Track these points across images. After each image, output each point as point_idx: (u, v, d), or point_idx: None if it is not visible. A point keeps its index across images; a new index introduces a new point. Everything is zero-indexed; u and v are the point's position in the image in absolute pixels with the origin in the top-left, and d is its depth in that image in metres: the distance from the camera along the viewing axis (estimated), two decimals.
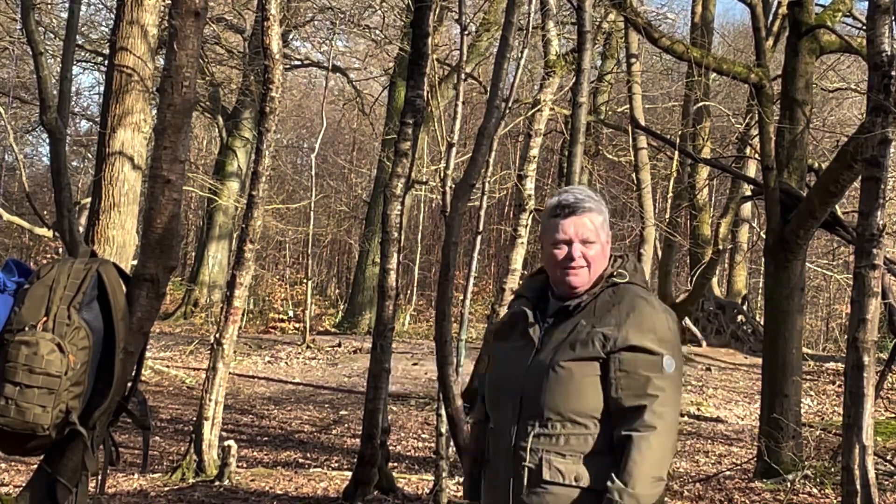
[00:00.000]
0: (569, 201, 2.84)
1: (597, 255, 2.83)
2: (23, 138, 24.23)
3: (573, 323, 2.79)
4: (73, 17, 11.06)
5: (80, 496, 3.32)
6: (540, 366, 2.76)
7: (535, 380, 2.76)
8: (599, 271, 2.84)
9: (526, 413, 2.76)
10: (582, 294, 2.84)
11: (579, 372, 2.74)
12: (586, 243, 2.82)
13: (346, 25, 21.04)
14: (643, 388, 2.73)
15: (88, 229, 7.92)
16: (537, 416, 2.74)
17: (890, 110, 5.88)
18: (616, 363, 2.73)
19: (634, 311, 2.78)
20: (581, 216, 2.82)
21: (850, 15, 11.43)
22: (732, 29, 30.23)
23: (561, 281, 2.84)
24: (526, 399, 2.76)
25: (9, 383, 3.09)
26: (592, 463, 2.71)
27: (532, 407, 2.75)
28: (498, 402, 2.85)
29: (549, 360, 2.75)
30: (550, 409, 2.73)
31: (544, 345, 2.80)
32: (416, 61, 8.33)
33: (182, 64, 3.53)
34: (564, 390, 2.73)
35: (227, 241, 24.73)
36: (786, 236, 9.13)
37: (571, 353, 2.75)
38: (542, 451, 2.73)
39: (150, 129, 7.79)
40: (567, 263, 2.81)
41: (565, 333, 2.78)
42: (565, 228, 2.82)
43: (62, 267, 3.28)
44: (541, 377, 2.75)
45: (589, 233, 2.82)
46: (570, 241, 2.82)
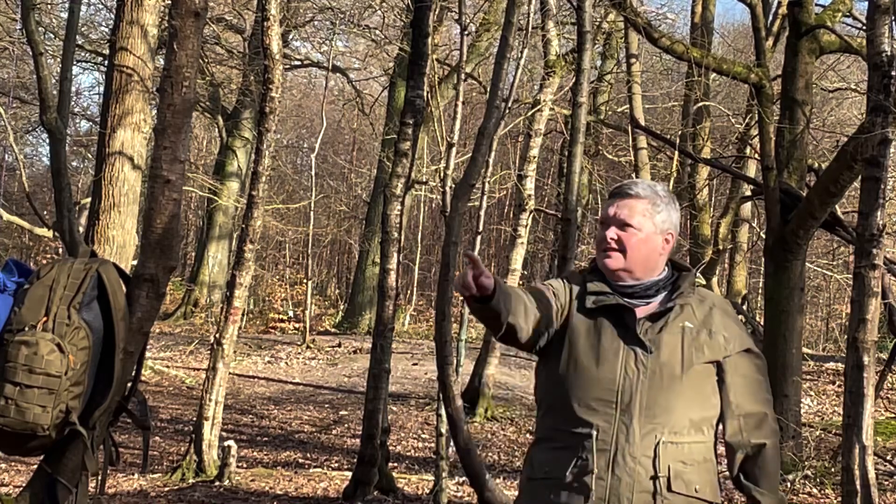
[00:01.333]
0: (622, 185, 2.79)
1: (636, 242, 2.71)
2: (23, 138, 24.23)
3: (677, 324, 2.68)
4: (73, 17, 11.07)
5: (80, 496, 3.32)
6: (666, 370, 2.62)
7: (662, 385, 2.61)
8: (643, 264, 2.73)
9: (650, 420, 2.59)
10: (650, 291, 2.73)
11: (707, 376, 2.66)
12: (624, 226, 2.72)
13: (346, 25, 21.03)
14: (761, 393, 2.71)
15: (88, 229, 7.92)
16: (665, 424, 2.59)
17: (890, 110, 5.88)
18: (733, 367, 2.68)
19: (732, 314, 2.77)
20: (625, 199, 2.74)
21: (850, 15, 11.44)
22: (732, 29, 30.22)
23: (600, 263, 2.76)
24: (649, 405, 2.60)
25: (9, 383, 3.09)
26: (704, 471, 2.64)
27: (659, 414, 2.59)
28: (597, 405, 2.61)
29: (678, 364, 2.63)
30: (683, 416, 2.61)
31: (658, 347, 2.64)
32: (416, 61, 8.33)
33: (182, 64, 3.53)
34: (695, 396, 2.63)
35: (227, 241, 24.72)
36: (786, 236, 9.13)
37: (699, 356, 2.65)
38: (669, 461, 2.58)
39: (150, 129, 7.79)
40: (601, 244, 2.75)
41: (677, 335, 2.66)
42: (607, 209, 2.77)
43: (62, 267, 3.28)
44: (672, 382, 2.61)
45: (628, 216, 2.72)
46: (607, 222, 2.74)
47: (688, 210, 19.33)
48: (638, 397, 2.60)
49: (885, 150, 5.89)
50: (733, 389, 2.68)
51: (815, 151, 16.80)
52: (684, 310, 2.70)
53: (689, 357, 2.63)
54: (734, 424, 2.68)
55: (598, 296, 2.71)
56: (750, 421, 2.69)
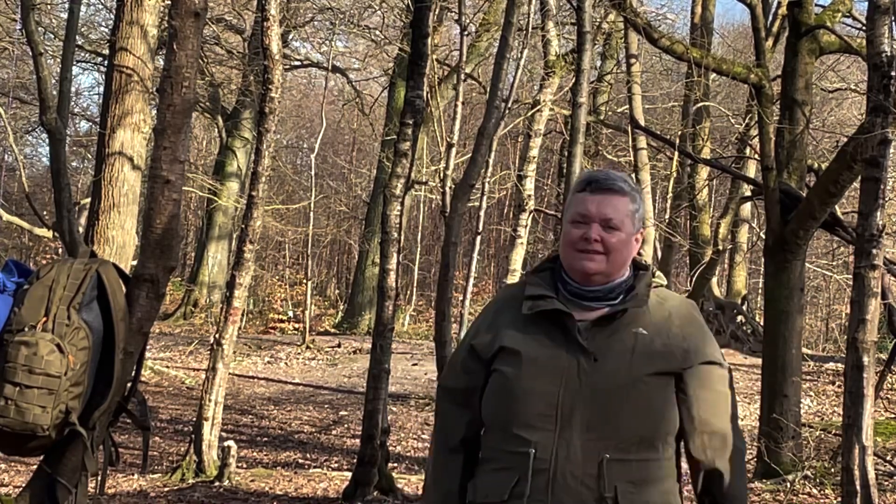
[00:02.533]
0: (599, 177, 2.51)
1: (619, 244, 2.45)
2: (23, 139, 24.23)
3: (630, 330, 2.43)
4: (72, 17, 11.06)
5: (80, 496, 3.32)
6: (613, 380, 2.37)
7: (607, 397, 2.36)
8: (621, 267, 2.49)
9: (595, 436, 2.34)
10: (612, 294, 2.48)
11: (661, 388, 2.41)
12: (608, 227, 2.45)
13: (345, 26, 21.04)
14: (726, 408, 2.49)
15: (88, 229, 7.92)
16: (612, 441, 2.34)
17: (890, 110, 5.88)
18: (696, 379, 2.44)
19: (695, 320, 2.52)
20: (609, 196, 2.47)
21: (850, 15, 11.44)
22: (732, 29, 30.23)
23: (573, 265, 2.47)
24: (594, 420, 2.35)
25: (8, 384, 3.09)
26: (658, 492, 2.41)
27: (604, 429, 2.34)
28: (536, 422, 2.38)
29: (626, 373, 2.38)
30: (631, 431, 2.35)
31: (604, 355, 2.40)
32: (415, 61, 8.33)
33: (182, 64, 3.53)
34: (647, 410, 2.38)
35: (227, 241, 24.73)
36: (785, 236, 9.13)
37: (651, 366, 2.39)
38: (616, 481, 2.34)
39: (149, 129, 7.79)
40: (582, 244, 2.45)
41: (628, 343, 2.42)
42: (588, 205, 2.47)
43: (62, 267, 3.28)
44: (618, 394, 2.36)
45: (614, 215, 2.46)
46: (590, 219, 2.45)
47: (688, 210, 19.35)
48: (580, 410, 2.35)
49: (885, 150, 5.89)
50: (696, 405, 2.45)
51: (815, 152, 16.81)
52: (638, 314, 2.45)
53: (639, 366, 2.38)
54: (698, 442, 2.47)
55: (535, 300, 2.48)
56: (715, 439, 2.48)
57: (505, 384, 2.43)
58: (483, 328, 2.56)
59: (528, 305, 2.47)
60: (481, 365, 2.50)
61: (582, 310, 2.46)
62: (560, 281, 2.51)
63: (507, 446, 2.40)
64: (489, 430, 2.48)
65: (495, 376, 2.46)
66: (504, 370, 2.43)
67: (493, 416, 2.46)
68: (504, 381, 2.43)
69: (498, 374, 2.45)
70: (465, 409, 2.53)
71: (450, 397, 2.59)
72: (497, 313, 2.56)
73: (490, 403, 2.47)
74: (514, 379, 2.41)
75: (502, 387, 2.43)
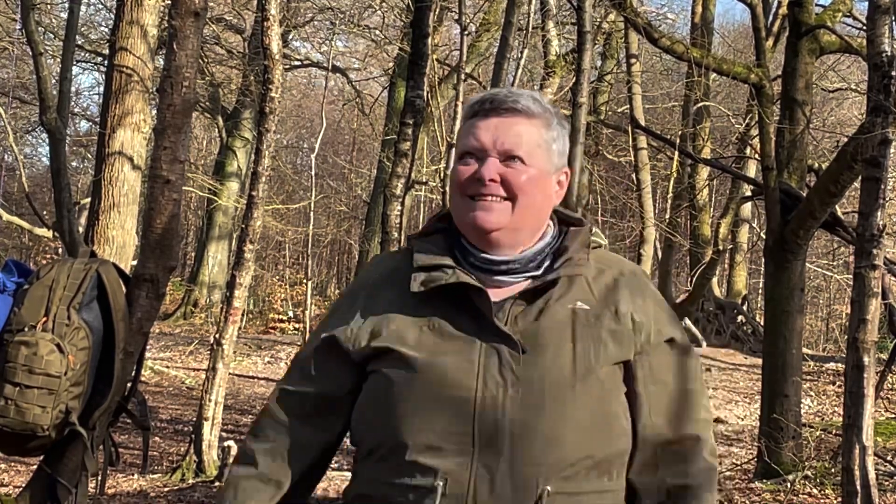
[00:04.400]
0: (497, 96, 1.81)
1: (529, 185, 1.76)
2: (23, 138, 24.22)
3: (564, 306, 1.75)
4: (72, 17, 11.06)
5: (80, 496, 3.32)
6: (551, 378, 1.69)
7: (544, 402, 1.68)
8: (535, 222, 1.81)
9: (529, 460, 1.67)
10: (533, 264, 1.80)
11: (615, 386, 1.75)
12: (510, 159, 1.76)
13: (345, 25, 21.02)
14: (689, 407, 1.82)
15: (88, 229, 7.92)
16: (553, 466, 1.68)
17: (890, 110, 5.87)
18: (647, 367, 1.78)
19: (647, 287, 1.85)
20: (510, 118, 1.78)
21: (850, 15, 11.44)
22: (732, 29, 30.22)
23: (462, 219, 1.79)
24: (528, 436, 1.67)
25: (8, 384, 3.09)
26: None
27: (543, 450, 1.67)
28: (443, 442, 1.69)
29: (568, 367, 1.70)
30: (579, 451, 1.69)
31: (534, 342, 1.72)
32: (416, 61, 8.33)
33: (182, 64, 3.53)
34: (601, 417, 1.72)
35: (227, 241, 24.72)
36: (786, 236, 9.13)
37: (601, 354, 1.73)
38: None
39: (149, 129, 7.78)
40: (474, 187, 1.76)
41: (564, 323, 1.74)
42: (480, 133, 1.78)
43: (62, 267, 3.28)
44: (560, 397, 1.69)
45: (517, 144, 1.77)
46: (483, 152, 1.77)
47: (688, 210, 19.35)
48: (507, 424, 1.67)
49: (886, 150, 5.89)
50: (646, 402, 1.78)
51: (816, 152, 16.81)
52: (574, 283, 1.78)
53: (586, 355, 1.71)
54: (645, 455, 1.78)
55: (428, 272, 1.77)
56: (669, 452, 1.79)
57: (391, 392, 1.73)
58: (349, 314, 1.83)
59: (419, 280, 1.77)
60: (347, 367, 1.80)
61: (494, 286, 1.78)
62: (458, 248, 1.82)
63: (399, 478, 1.70)
64: (367, 457, 1.77)
65: (374, 381, 1.77)
66: (388, 372, 1.74)
67: (373, 438, 1.75)
68: (389, 386, 1.73)
69: (378, 377, 1.76)
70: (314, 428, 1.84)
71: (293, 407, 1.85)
72: (371, 293, 1.83)
73: (367, 420, 1.77)
74: (406, 384, 1.72)
75: (388, 395, 1.73)
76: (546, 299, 1.77)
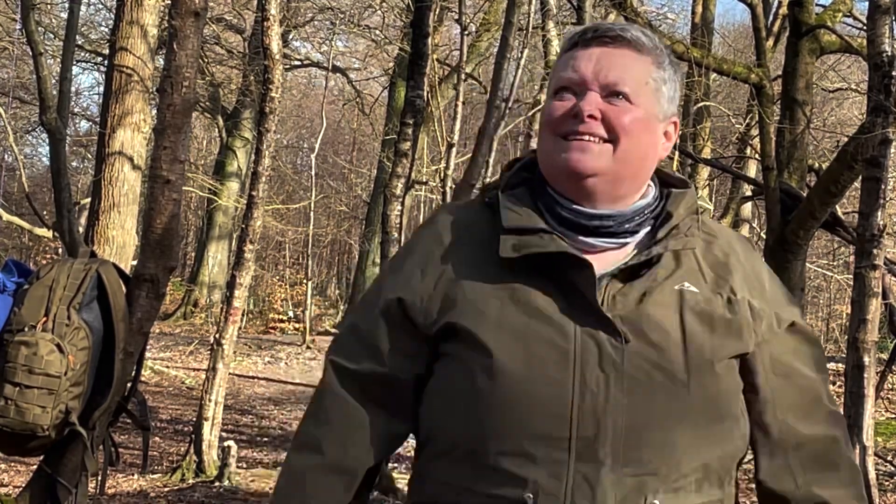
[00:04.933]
0: (601, 25, 1.54)
1: (633, 125, 1.47)
2: (23, 138, 24.23)
3: (671, 287, 1.48)
4: (72, 17, 11.06)
5: (80, 497, 3.32)
6: (660, 374, 1.43)
7: (651, 401, 1.42)
8: (636, 168, 1.50)
9: (635, 469, 1.41)
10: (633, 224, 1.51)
11: (731, 383, 1.49)
12: (613, 95, 1.48)
13: (346, 25, 21.03)
14: (823, 402, 1.56)
15: (88, 229, 7.92)
16: (663, 476, 1.41)
17: (890, 110, 5.87)
18: (774, 358, 1.52)
19: (761, 265, 1.60)
20: (615, 48, 1.50)
21: (851, 15, 11.43)
22: (732, 29, 30.21)
23: (553, 161, 1.50)
24: (633, 441, 1.41)
25: (8, 384, 3.09)
26: None
27: (652, 458, 1.41)
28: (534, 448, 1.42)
29: (679, 361, 1.43)
30: (692, 458, 1.43)
31: (639, 331, 1.44)
32: (416, 61, 8.33)
33: (182, 64, 3.52)
34: (713, 420, 1.45)
35: (227, 241, 24.73)
36: (786, 236, 9.13)
37: (717, 346, 1.46)
38: None
39: (150, 129, 7.79)
40: (569, 124, 1.48)
41: (671, 309, 1.46)
42: (580, 63, 1.49)
43: (62, 267, 3.28)
44: (669, 396, 1.42)
45: (622, 79, 1.48)
46: (582, 85, 1.49)
47: None
48: (609, 427, 1.41)
49: (886, 150, 5.89)
50: (771, 399, 1.53)
51: (816, 152, 16.81)
52: (682, 260, 1.51)
53: (700, 347, 1.45)
54: (779, 463, 1.54)
55: (521, 236, 1.47)
56: (808, 454, 1.54)
57: (470, 382, 1.44)
58: (416, 273, 1.52)
59: (509, 244, 1.47)
60: (418, 342, 1.51)
61: (585, 249, 1.49)
62: (544, 202, 1.52)
63: (479, 486, 1.44)
64: (441, 456, 1.49)
65: (449, 366, 1.48)
66: (466, 357, 1.45)
67: (449, 436, 1.48)
68: (468, 375, 1.45)
69: (454, 362, 1.47)
70: (384, 412, 1.55)
71: (354, 386, 1.55)
72: (442, 251, 1.52)
73: (442, 413, 1.49)
74: (488, 374, 1.43)
75: (466, 386, 1.45)
76: (650, 278, 1.47)
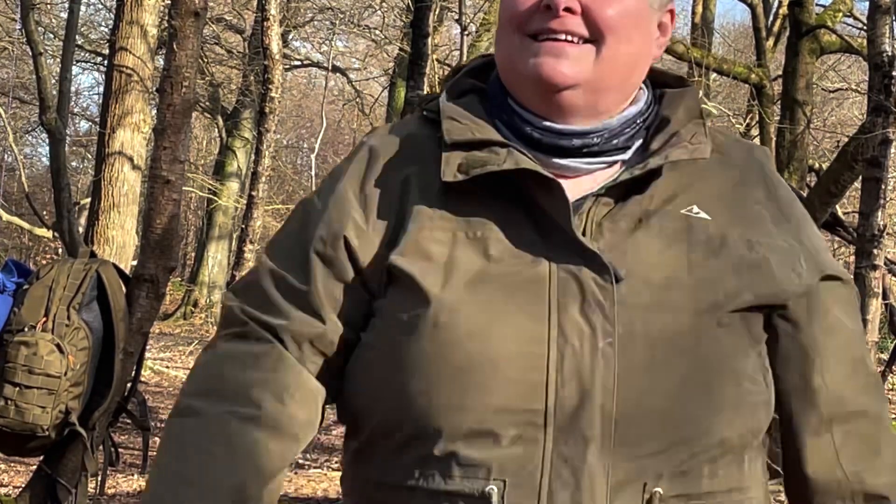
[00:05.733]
0: None
1: (620, 19, 1.16)
2: (22, 138, 24.23)
3: (676, 211, 1.16)
4: (72, 17, 11.06)
5: (80, 497, 3.32)
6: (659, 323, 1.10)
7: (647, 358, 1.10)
8: (624, 74, 1.19)
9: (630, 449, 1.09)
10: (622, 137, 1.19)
11: (750, 337, 1.16)
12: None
13: (346, 25, 21.02)
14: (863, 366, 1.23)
15: (88, 229, 7.91)
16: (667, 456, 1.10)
17: (890, 111, 5.87)
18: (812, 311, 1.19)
19: (786, 191, 1.26)
20: None
21: (851, 15, 11.44)
22: (733, 29, 30.21)
23: (520, 70, 1.17)
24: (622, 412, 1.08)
25: (8, 384, 3.09)
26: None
27: (646, 431, 1.09)
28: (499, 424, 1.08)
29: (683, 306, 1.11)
30: (704, 432, 1.11)
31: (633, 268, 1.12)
32: (416, 61, 8.33)
33: (182, 64, 3.52)
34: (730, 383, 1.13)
35: (227, 241, 24.74)
36: None
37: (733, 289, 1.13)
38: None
39: (149, 129, 7.78)
40: (539, 20, 1.16)
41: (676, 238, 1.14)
42: None
43: (61, 267, 3.28)
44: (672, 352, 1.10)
45: None
46: None
47: None
48: (598, 394, 1.08)
49: (886, 150, 5.89)
50: (822, 361, 1.20)
51: (816, 152, 16.81)
52: (686, 176, 1.18)
53: (711, 289, 1.13)
54: (826, 442, 1.21)
55: (472, 150, 1.14)
56: (857, 432, 1.21)
57: (411, 342, 1.09)
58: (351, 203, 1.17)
59: (454, 163, 1.14)
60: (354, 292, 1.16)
61: (559, 175, 1.16)
62: (502, 118, 1.20)
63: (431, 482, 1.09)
64: (374, 446, 1.14)
65: (383, 324, 1.14)
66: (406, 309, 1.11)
67: (381, 418, 1.12)
68: (410, 334, 1.10)
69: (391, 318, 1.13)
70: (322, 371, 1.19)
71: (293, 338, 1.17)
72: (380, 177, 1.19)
73: (374, 387, 1.13)
74: (434, 332, 1.08)
75: (405, 348, 1.10)
76: (647, 200, 1.15)
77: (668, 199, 1.17)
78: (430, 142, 1.19)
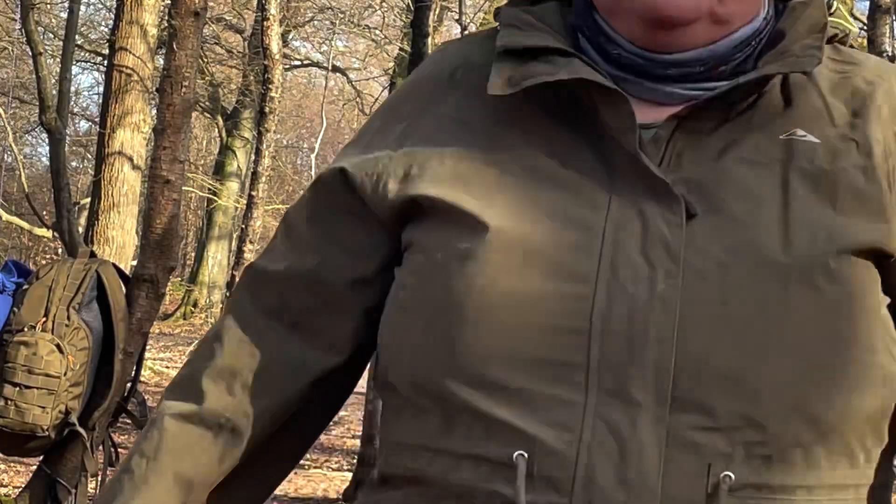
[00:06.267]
0: None
1: None
2: (22, 138, 24.23)
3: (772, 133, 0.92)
4: (72, 16, 11.06)
5: (80, 497, 3.32)
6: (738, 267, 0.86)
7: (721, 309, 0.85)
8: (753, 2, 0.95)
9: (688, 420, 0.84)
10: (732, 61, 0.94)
11: (863, 288, 0.87)
12: None
13: (346, 25, 21.04)
14: None
15: (88, 229, 7.92)
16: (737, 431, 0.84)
17: None
18: None
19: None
20: None
21: (851, 15, 11.46)
22: None
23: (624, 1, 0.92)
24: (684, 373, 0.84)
25: (8, 384, 3.09)
26: None
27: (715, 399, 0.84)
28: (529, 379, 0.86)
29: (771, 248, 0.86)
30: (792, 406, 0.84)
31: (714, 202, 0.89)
32: (415, 61, 8.33)
33: (182, 64, 3.53)
34: (833, 346, 0.85)
35: (227, 241, 24.76)
36: None
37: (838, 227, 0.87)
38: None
39: (149, 129, 7.79)
40: None
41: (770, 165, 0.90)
42: None
43: (61, 267, 3.28)
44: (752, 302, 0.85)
45: None
46: None
47: None
48: (653, 349, 0.85)
49: None
50: None
51: None
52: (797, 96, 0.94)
53: (813, 228, 0.88)
54: None
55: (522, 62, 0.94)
56: None
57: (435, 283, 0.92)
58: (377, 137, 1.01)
59: (504, 75, 0.94)
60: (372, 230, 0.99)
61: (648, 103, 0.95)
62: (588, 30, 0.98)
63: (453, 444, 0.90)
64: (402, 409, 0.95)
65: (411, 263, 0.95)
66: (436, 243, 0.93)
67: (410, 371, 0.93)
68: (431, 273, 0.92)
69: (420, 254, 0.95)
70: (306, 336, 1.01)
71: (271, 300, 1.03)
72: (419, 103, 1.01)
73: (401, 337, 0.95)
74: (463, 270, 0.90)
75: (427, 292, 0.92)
76: (740, 122, 0.93)
77: (767, 121, 0.93)
78: (484, 59, 0.99)
